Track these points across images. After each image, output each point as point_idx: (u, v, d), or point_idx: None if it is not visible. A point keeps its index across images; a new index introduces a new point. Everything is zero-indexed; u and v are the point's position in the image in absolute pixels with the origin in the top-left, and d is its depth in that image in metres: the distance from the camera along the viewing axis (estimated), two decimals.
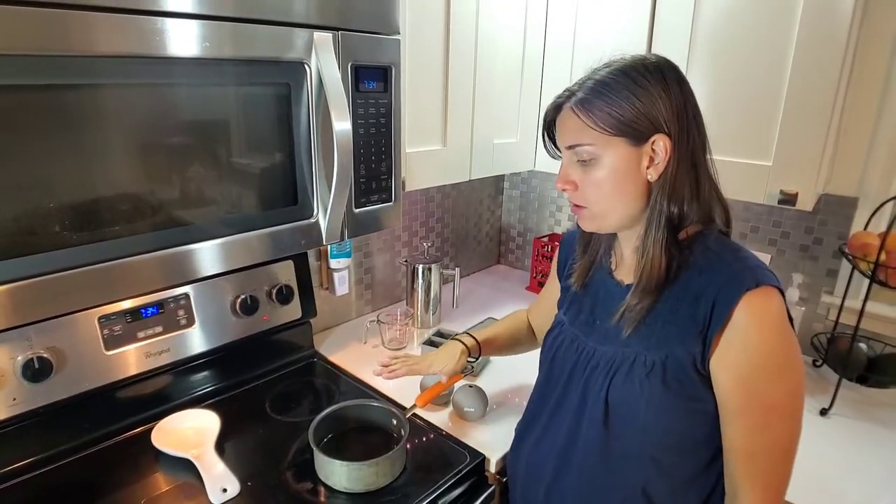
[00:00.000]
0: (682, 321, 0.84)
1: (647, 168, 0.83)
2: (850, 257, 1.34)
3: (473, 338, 1.27)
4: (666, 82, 0.81)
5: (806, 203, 1.22)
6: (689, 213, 0.84)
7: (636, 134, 0.81)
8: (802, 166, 1.21)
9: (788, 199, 1.23)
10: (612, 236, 0.99)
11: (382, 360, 1.28)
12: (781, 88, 1.21)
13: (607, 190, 0.85)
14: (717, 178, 0.88)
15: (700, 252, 0.85)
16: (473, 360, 1.26)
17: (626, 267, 0.96)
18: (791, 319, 0.82)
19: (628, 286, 0.92)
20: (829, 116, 1.17)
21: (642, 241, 0.86)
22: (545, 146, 0.96)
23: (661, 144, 0.81)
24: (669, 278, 0.85)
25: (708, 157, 0.86)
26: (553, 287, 1.17)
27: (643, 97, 0.80)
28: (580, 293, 1.02)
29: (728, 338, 0.80)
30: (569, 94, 0.87)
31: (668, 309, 0.86)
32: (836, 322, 1.48)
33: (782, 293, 0.81)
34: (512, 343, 1.32)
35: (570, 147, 0.86)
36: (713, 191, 0.87)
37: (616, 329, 0.92)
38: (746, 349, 0.79)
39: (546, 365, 1.05)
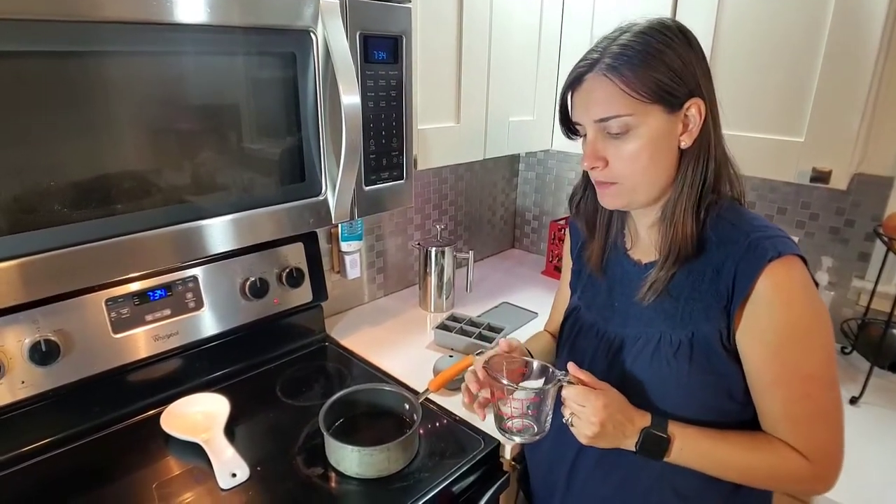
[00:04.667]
0: (705, 297, 0.81)
1: (681, 135, 0.79)
2: (886, 239, 1.28)
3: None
4: (690, 43, 0.78)
5: (840, 181, 1.16)
6: (715, 180, 0.82)
7: (672, 100, 0.77)
8: (837, 143, 1.15)
9: (821, 176, 1.17)
10: (625, 214, 0.96)
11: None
12: (816, 60, 1.14)
13: (644, 163, 0.80)
14: (727, 146, 0.85)
15: (715, 223, 0.82)
16: (483, 350, 1.25)
17: (642, 245, 0.93)
18: (816, 284, 0.79)
19: (647, 265, 0.90)
20: (866, 90, 1.11)
21: (670, 211, 0.83)
22: (561, 125, 0.89)
23: (694, 110, 0.78)
24: (697, 247, 0.82)
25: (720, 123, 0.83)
26: (566, 288, 1.12)
27: (674, 60, 0.76)
28: (596, 276, 0.99)
29: (752, 310, 0.78)
30: (591, 61, 0.79)
31: (689, 285, 0.83)
32: (868, 308, 1.43)
33: (804, 260, 0.78)
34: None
35: (600, 120, 0.79)
36: (725, 158, 0.85)
37: (637, 310, 0.89)
38: (773, 320, 0.77)
39: (565, 352, 1.03)
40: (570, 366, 0.84)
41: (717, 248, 0.81)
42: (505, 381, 0.85)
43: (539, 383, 0.88)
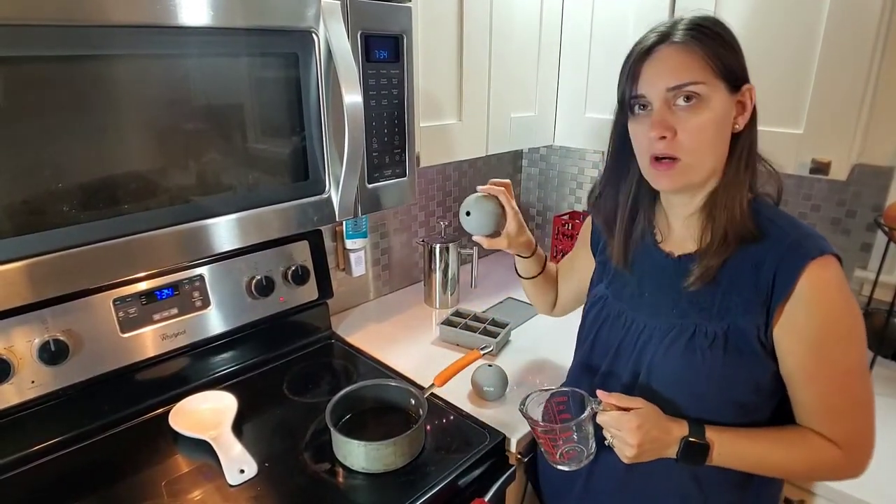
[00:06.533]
0: (743, 291, 0.83)
1: (736, 117, 0.82)
2: (886, 229, 1.28)
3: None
4: (735, 37, 0.82)
5: (839, 172, 1.16)
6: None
7: (735, 80, 0.80)
8: (836, 133, 1.15)
9: (821, 168, 1.17)
10: (653, 209, 0.96)
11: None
12: (814, 50, 1.14)
13: (710, 136, 0.80)
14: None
15: (754, 218, 0.84)
16: (489, 345, 1.32)
17: (675, 238, 0.93)
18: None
19: (681, 257, 0.91)
20: (864, 81, 1.11)
21: (723, 195, 0.84)
22: (625, 99, 0.85)
23: (748, 95, 0.81)
24: (750, 230, 0.83)
25: None
26: (580, 254, 1.15)
27: (735, 46, 0.81)
28: (625, 272, 0.99)
29: (793, 308, 0.79)
30: (662, 33, 0.81)
31: (727, 278, 0.84)
32: (871, 298, 1.43)
33: (840, 260, 0.80)
34: (551, 285, 1.27)
35: (675, 87, 0.79)
36: (759, 156, 0.87)
37: (668, 301, 0.90)
38: (814, 317, 0.79)
39: (589, 341, 1.03)
40: (600, 393, 0.87)
41: (755, 243, 0.83)
42: (539, 423, 0.90)
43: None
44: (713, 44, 0.79)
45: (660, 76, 0.80)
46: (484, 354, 1.28)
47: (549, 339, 1.53)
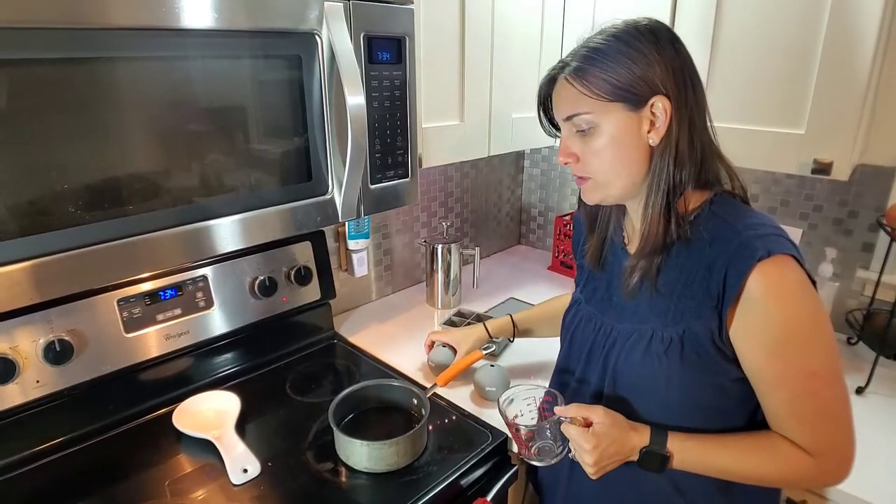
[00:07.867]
0: (696, 295, 0.82)
1: (648, 132, 0.81)
2: (889, 229, 1.28)
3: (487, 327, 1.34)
4: (660, 44, 0.79)
5: (841, 172, 1.16)
6: (691, 177, 0.82)
7: (634, 98, 0.79)
8: (837, 134, 1.15)
9: (822, 168, 1.17)
10: (621, 211, 0.97)
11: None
12: (815, 51, 1.14)
13: (609, 158, 0.83)
14: (717, 141, 0.86)
15: (708, 220, 0.82)
16: (491, 345, 1.31)
17: (636, 240, 0.93)
18: (814, 283, 0.79)
19: None
20: (866, 81, 1.11)
21: (643, 207, 0.84)
22: (541, 123, 0.94)
23: (660, 106, 0.79)
24: (667, 243, 0.83)
25: (707, 119, 0.84)
26: None
27: (638, 60, 0.78)
28: (595, 271, 1.01)
29: (744, 310, 0.78)
30: (562, 64, 0.85)
31: (682, 282, 0.84)
32: (873, 298, 1.43)
33: (799, 260, 0.77)
34: (544, 323, 1.35)
35: (567, 118, 0.84)
36: (715, 154, 0.85)
37: (633, 305, 0.90)
38: (769, 320, 0.76)
39: (566, 344, 1.05)
40: (557, 409, 0.88)
41: (709, 245, 0.81)
42: (509, 418, 0.92)
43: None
44: (603, 69, 0.79)
45: (557, 106, 0.87)
46: (486, 355, 1.28)
47: (550, 340, 1.52)
